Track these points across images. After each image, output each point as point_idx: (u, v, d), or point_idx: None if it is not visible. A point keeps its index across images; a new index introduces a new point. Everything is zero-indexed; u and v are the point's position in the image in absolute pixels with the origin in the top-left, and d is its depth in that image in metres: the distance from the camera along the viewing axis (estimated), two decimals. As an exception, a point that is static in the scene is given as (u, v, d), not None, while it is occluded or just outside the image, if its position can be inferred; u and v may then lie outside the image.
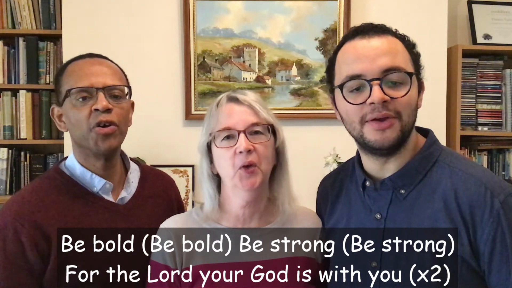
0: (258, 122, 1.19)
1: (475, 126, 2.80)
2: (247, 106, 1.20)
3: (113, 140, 1.27)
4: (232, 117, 1.19)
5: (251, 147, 1.16)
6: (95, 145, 1.26)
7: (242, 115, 1.19)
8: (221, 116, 1.20)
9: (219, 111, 1.21)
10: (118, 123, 1.27)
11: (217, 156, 1.21)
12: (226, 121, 1.19)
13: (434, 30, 2.56)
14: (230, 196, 1.23)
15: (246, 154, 1.16)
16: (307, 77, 2.56)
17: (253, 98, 1.22)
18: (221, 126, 1.19)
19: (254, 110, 1.20)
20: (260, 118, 1.20)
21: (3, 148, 2.71)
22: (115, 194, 1.33)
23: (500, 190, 1.05)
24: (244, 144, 1.16)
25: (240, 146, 1.16)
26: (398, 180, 1.13)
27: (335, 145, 2.27)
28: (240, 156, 1.16)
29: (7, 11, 2.72)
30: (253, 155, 1.17)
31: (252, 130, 1.19)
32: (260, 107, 1.21)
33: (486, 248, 1.03)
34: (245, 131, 1.17)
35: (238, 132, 1.17)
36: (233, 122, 1.18)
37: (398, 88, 1.07)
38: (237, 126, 1.18)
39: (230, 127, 1.18)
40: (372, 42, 1.09)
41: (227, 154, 1.18)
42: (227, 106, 1.21)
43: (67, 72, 1.30)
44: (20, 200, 1.24)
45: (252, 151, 1.17)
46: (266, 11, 2.52)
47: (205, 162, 1.25)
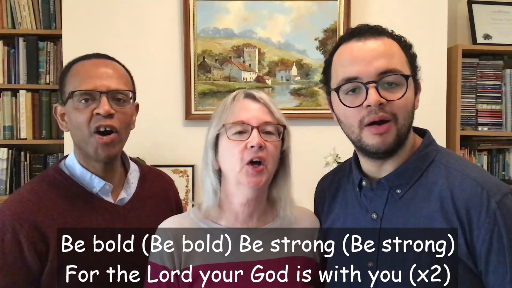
0: (271, 122, 1.21)
1: (475, 126, 2.80)
2: (263, 104, 1.22)
3: (112, 149, 1.26)
4: (247, 112, 1.20)
5: (263, 143, 1.17)
6: (95, 152, 1.25)
7: (257, 112, 1.20)
8: (236, 110, 1.21)
9: (234, 105, 1.22)
10: (119, 129, 1.26)
11: (225, 149, 1.21)
12: (241, 115, 1.20)
13: (434, 30, 2.56)
14: (232, 192, 1.23)
15: (257, 149, 1.17)
16: (307, 77, 2.56)
17: (268, 98, 1.24)
18: (236, 119, 1.19)
19: (269, 110, 1.21)
20: (274, 118, 1.21)
21: (3, 148, 2.71)
22: (114, 195, 1.33)
23: (497, 191, 1.05)
24: (257, 139, 1.17)
25: (253, 140, 1.17)
26: (394, 179, 1.13)
27: (335, 145, 2.27)
28: (250, 150, 1.17)
29: (7, 11, 2.72)
30: (264, 152, 1.18)
31: (265, 129, 1.20)
32: (274, 108, 1.22)
33: (483, 248, 1.03)
34: (259, 127, 1.18)
35: (252, 127, 1.18)
36: (248, 117, 1.19)
37: (394, 90, 1.07)
38: (251, 122, 1.19)
39: (244, 121, 1.19)
40: (368, 44, 1.09)
41: (236, 148, 1.18)
42: (243, 102, 1.22)
43: (72, 72, 1.28)
44: (19, 200, 1.23)
45: (263, 148, 1.17)
46: (266, 11, 2.52)
47: (211, 155, 1.24)
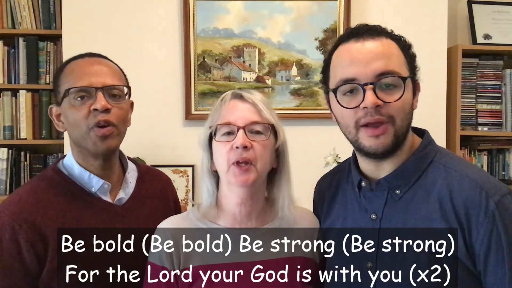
0: (258, 121, 1.20)
1: (475, 126, 2.80)
2: (251, 104, 1.21)
3: (111, 141, 1.26)
4: (234, 113, 1.20)
5: (248, 144, 1.17)
6: (94, 146, 1.25)
7: (244, 112, 1.20)
8: (224, 111, 1.21)
9: (223, 106, 1.22)
10: (117, 124, 1.26)
11: (215, 151, 1.22)
12: (227, 116, 1.20)
13: (434, 30, 2.56)
14: (227, 193, 1.24)
15: (242, 150, 1.16)
16: (307, 77, 2.56)
17: (258, 97, 1.23)
18: (223, 121, 1.20)
19: (257, 109, 1.21)
20: (261, 117, 1.21)
21: (3, 148, 2.71)
22: (113, 194, 1.33)
23: (495, 191, 1.05)
24: (241, 140, 1.16)
25: (237, 141, 1.16)
26: (393, 180, 1.12)
27: (335, 145, 2.26)
28: (235, 151, 1.17)
29: (7, 11, 2.72)
30: (249, 152, 1.17)
31: (253, 129, 1.19)
32: (263, 107, 1.21)
33: (482, 249, 1.03)
34: (245, 127, 1.18)
35: (238, 128, 1.18)
36: (234, 118, 1.19)
37: (392, 92, 1.07)
38: (237, 122, 1.18)
39: (231, 122, 1.19)
40: (366, 45, 1.09)
41: (224, 149, 1.18)
42: (231, 102, 1.22)
43: (66, 71, 1.29)
44: (17, 200, 1.23)
45: (249, 148, 1.17)
46: (266, 11, 2.52)
47: (206, 157, 1.25)
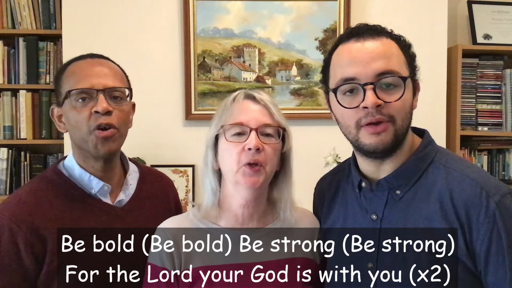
0: (271, 124, 1.19)
1: (475, 126, 2.80)
2: (263, 106, 1.20)
3: (112, 144, 1.26)
4: (247, 114, 1.19)
5: (260, 146, 1.16)
6: (95, 148, 1.25)
7: (257, 114, 1.19)
8: (235, 111, 1.20)
9: (234, 106, 1.21)
10: (118, 126, 1.26)
11: (223, 150, 1.21)
12: (240, 117, 1.19)
13: (434, 30, 2.57)
14: (231, 193, 1.23)
15: (254, 152, 1.16)
16: (307, 77, 2.56)
17: (268, 99, 1.22)
18: (235, 121, 1.18)
19: (269, 111, 1.20)
20: (273, 120, 1.20)
21: (3, 148, 2.71)
22: (113, 196, 1.32)
23: (496, 191, 1.04)
24: (255, 142, 1.15)
25: (250, 143, 1.16)
26: (394, 180, 1.12)
27: (335, 145, 2.27)
28: (248, 153, 1.16)
29: (7, 11, 2.72)
30: (261, 155, 1.17)
31: (264, 131, 1.18)
32: (275, 109, 1.21)
33: (482, 248, 1.02)
34: (257, 129, 1.17)
35: (250, 129, 1.17)
36: (247, 119, 1.18)
37: (392, 91, 1.07)
38: (250, 123, 1.17)
39: (243, 123, 1.18)
40: (366, 45, 1.09)
41: (234, 149, 1.17)
42: (243, 103, 1.21)
43: (67, 72, 1.28)
44: (17, 201, 1.23)
45: (260, 150, 1.16)
46: (266, 11, 2.52)
47: (211, 155, 1.24)
